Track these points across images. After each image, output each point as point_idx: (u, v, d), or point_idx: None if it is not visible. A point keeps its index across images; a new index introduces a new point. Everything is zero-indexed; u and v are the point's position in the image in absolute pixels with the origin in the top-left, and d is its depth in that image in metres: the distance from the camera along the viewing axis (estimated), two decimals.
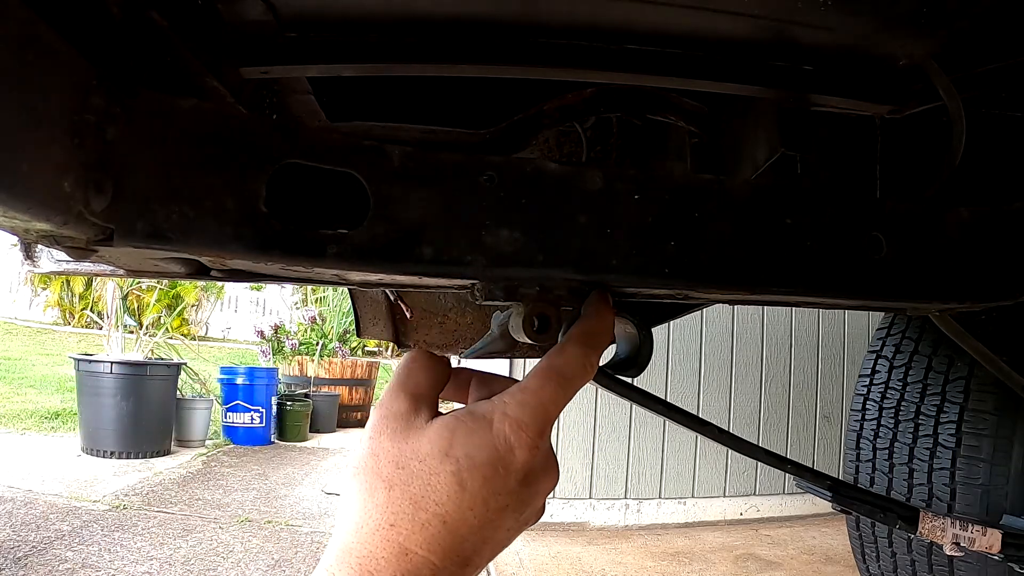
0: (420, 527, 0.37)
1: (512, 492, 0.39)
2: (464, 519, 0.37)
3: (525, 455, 0.39)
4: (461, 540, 0.38)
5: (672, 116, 0.71)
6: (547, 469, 0.41)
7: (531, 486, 0.40)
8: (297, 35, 0.51)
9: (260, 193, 0.40)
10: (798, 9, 0.47)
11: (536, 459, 0.39)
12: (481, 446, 0.38)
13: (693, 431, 0.60)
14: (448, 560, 0.37)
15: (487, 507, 0.38)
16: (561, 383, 0.41)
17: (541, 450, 0.40)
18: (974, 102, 0.64)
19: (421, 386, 0.43)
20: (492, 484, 0.38)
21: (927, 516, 0.72)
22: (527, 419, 0.39)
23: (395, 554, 0.36)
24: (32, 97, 0.31)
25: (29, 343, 9.02)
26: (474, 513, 0.38)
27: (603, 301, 0.46)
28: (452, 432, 0.39)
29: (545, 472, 0.41)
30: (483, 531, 0.38)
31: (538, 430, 0.39)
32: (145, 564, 2.27)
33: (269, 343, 6.03)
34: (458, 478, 0.38)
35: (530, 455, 0.39)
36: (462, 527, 0.37)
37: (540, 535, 2.88)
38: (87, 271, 0.52)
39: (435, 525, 0.37)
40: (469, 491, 0.38)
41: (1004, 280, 0.55)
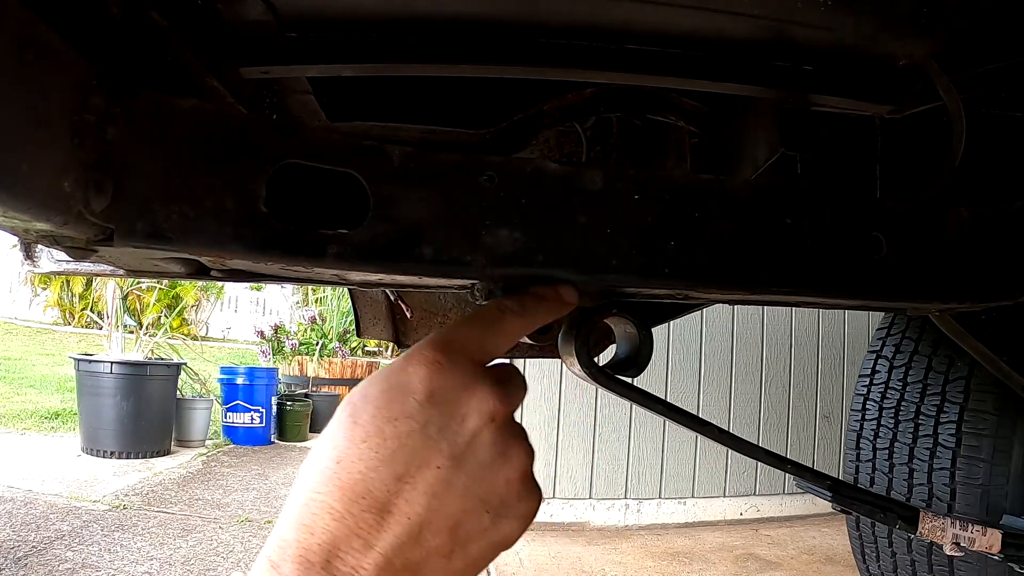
0: (318, 472, 0.34)
1: (413, 415, 0.34)
2: (358, 453, 0.34)
3: (422, 371, 0.35)
4: (362, 478, 0.33)
5: (672, 116, 0.71)
6: (466, 387, 0.36)
7: (442, 405, 0.35)
8: (297, 35, 0.51)
9: (260, 193, 0.40)
10: (798, 9, 0.47)
11: (439, 375, 0.36)
12: (375, 380, 0.37)
13: (693, 431, 0.60)
14: (349, 501, 0.33)
15: (383, 435, 0.34)
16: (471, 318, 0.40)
17: (444, 367, 0.36)
18: (974, 102, 0.64)
19: None
20: (386, 411, 0.35)
21: (927, 516, 0.72)
22: (425, 343, 0.37)
23: (297, 505, 0.34)
24: (32, 97, 0.31)
25: (29, 343, 9.02)
26: (369, 444, 0.34)
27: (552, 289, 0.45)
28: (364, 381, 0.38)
29: (463, 389, 0.36)
30: (392, 466, 0.34)
31: (439, 347, 0.36)
32: (145, 564, 2.27)
33: (269, 343, 6.04)
34: (352, 416, 0.35)
35: (427, 370, 0.36)
36: (357, 463, 0.34)
37: (540, 535, 2.88)
38: (87, 271, 0.52)
39: (329, 466, 0.34)
40: (360, 424, 0.35)
41: (1004, 280, 0.55)
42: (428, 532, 0.34)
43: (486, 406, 0.36)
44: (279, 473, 3.92)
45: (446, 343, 0.37)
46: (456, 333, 0.39)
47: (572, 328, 0.53)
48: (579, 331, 0.52)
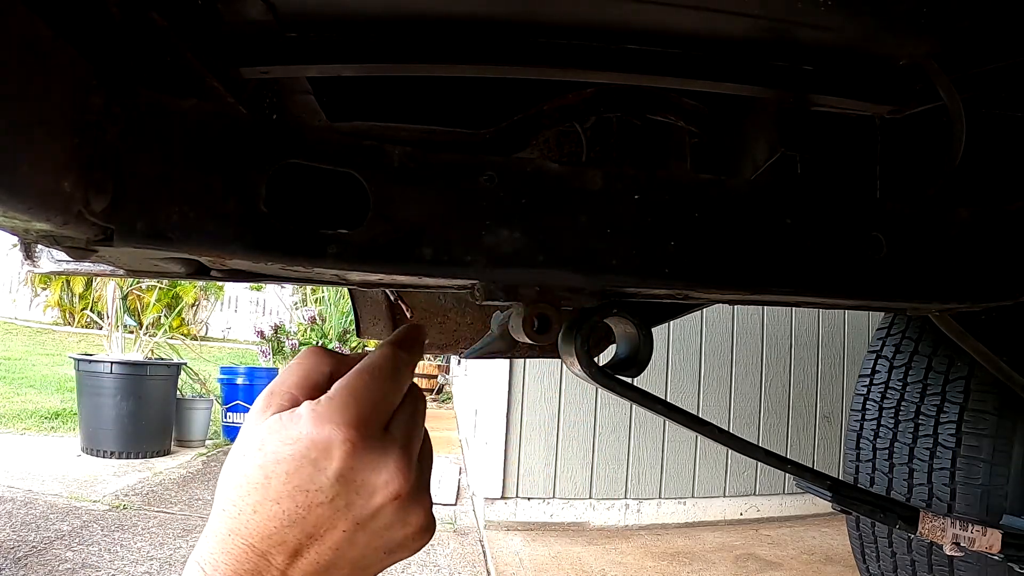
0: (238, 513, 0.39)
1: (323, 490, 0.38)
2: (272, 512, 0.38)
3: (337, 452, 0.38)
4: (276, 530, 0.38)
5: (672, 116, 0.71)
6: (374, 467, 0.39)
7: (351, 486, 0.39)
8: (297, 35, 0.51)
9: (260, 193, 0.40)
10: (798, 9, 0.47)
11: (351, 457, 0.38)
12: (287, 441, 0.39)
13: (693, 431, 0.60)
14: (269, 546, 0.38)
15: (295, 502, 0.38)
16: (372, 377, 0.41)
17: (358, 447, 0.39)
18: (974, 102, 0.64)
19: (282, 383, 0.43)
20: (297, 479, 0.38)
21: (927, 516, 0.72)
22: (338, 414, 0.39)
23: (222, 535, 0.39)
24: (32, 97, 0.31)
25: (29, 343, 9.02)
26: (282, 507, 0.38)
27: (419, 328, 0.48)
28: (268, 428, 0.40)
29: (371, 470, 0.39)
30: (303, 526, 0.38)
31: (352, 425, 0.39)
32: (145, 564, 2.27)
33: (269, 343, 6.03)
34: (264, 471, 0.38)
35: (342, 452, 0.38)
36: (272, 519, 0.38)
37: (540, 535, 2.88)
38: (87, 271, 0.52)
39: (247, 513, 0.38)
40: (273, 484, 0.38)
41: (1004, 280, 0.55)
42: (334, 569, 0.40)
43: (391, 488, 0.40)
44: None
45: (360, 420, 0.39)
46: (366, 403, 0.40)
47: (572, 328, 0.53)
48: (579, 331, 0.52)
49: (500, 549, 2.65)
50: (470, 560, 2.54)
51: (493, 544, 2.70)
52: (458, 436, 5.44)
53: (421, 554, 2.57)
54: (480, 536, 2.86)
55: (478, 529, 2.97)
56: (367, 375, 0.41)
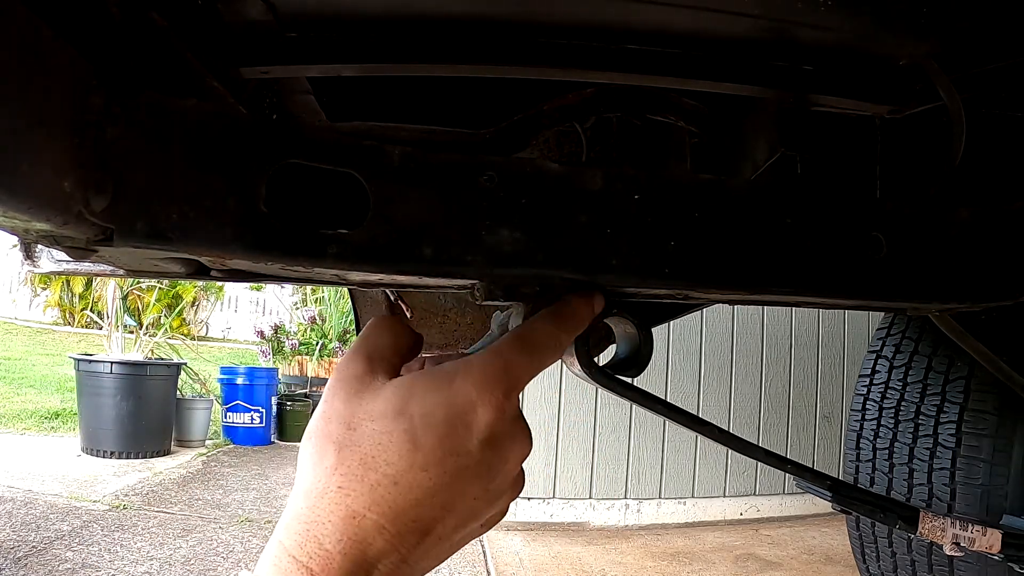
0: (369, 489, 0.35)
1: (473, 454, 0.36)
2: (417, 481, 0.35)
3: (489, 414, 0.37)
4: (415, 503, 0.35)
5: (672, 116, 0.71)
6: (515, 435, 0.38)
7: (497, 450, 0.37)
8: (297, 35, 0.51)
9: (260, 193, 0.40)
10: (798, 9, 0.47)
11: (501, 421, 0.37)
12: (439, 403, 0.36)
13: (693, 431, 0.60)
14: (401, 524, 0.35)
15: (444, 468, 0.35)
16: (530, 351, 0.40)
17: (507, 413, 0.38)
18: (974, 102, 0.64)
19: (380, 348, 0.40)
20: (449, 442, 0.36)
21: (927, 516, 0.72)
22: (492, 378, 0.37)
23: (343, 518, 0.34)
24: (32, 97, 0.31)
25: (29, 343, 9.02)
26: (428, 475, 0.35)
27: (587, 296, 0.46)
28: (409, 390, 0.37)
29: (512, 437, 0.38)
30: (442, 495, 0.36)
31: (503, 390, 0.37)
32: (145, 564, 2.27)
33: (269, 343, 6.03)
34: (411, 436, 0.35)
35: (494, 414, 0.37)
36: (415, 489, 0.35)
37: (540, 535, 2.88)
38: (87, 271, 0.52)
39: (385, 486, 0.35)
40: (423, 450, 0.35)
41: (1004, 280, 0.55)
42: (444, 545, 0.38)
43: (525, 451, 0.39)
44: (279, 473, 3.92)
45: (511, 383, 0.38)
46: (517, 367, 0.39)
47: None
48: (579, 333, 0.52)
49: (500, 549, 2.65)
50: (470, 560, 2.54)
51: (493, 544, 2.70)
52: None
53: None
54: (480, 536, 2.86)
55: None
56: (524, 346, 0.40)
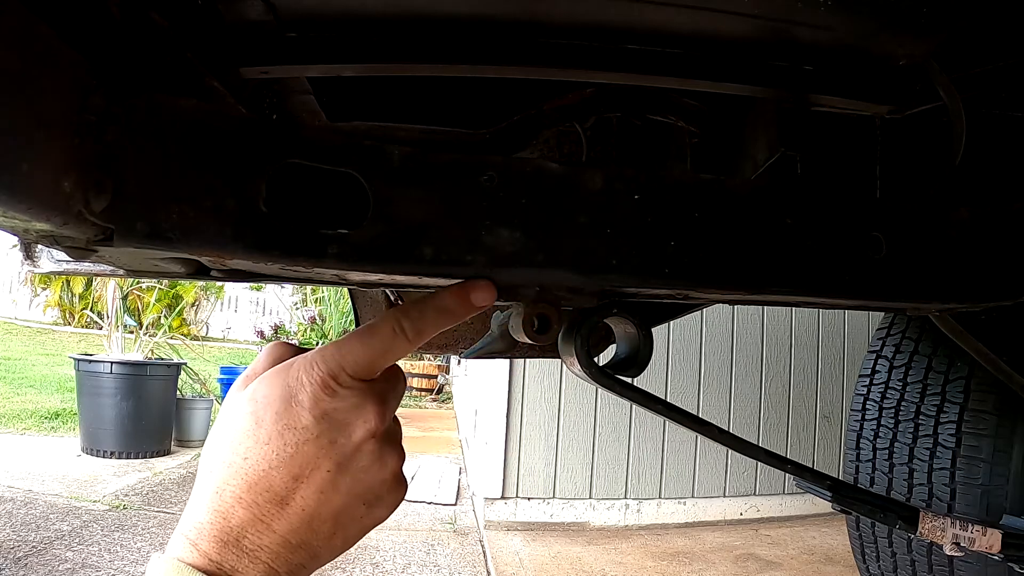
0: (226, 466, 0.40)
1: (309, 428, 0.40)
2: (262, 454, 0.40)
3: (315, 390, 0.41)
4: (264, 474, 0.40)
5: (672, 116, 0.71)
6: (355, 407, 0.42)
7: (333, 423, 0.41)
8: (297, 35, 0.51)
9: (260, 193, 0.40)
10: (798, 9, 0.47)
11: (331, 398, 0.41)
12: (276, 384, 0.41)
13: (693, 431, 0.60)
14: (256, 494, 0.40)
15: (283, 440, 0.40)
16: (365, 338, 0.43)
17: (337, 391, 0.42)
18: (974, 102, 0.64)
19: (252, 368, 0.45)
20: (284, 418, 0.40)
21: (927, 516, 0.72)
22: (320, 361, 0.42)
23: (209, 494, 0.40)
24: (32, 97, 0.31)
25: (29, 343, 9.03)
26: (271, 447, 0.40)
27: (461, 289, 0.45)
28: (261, 381, 0.42)
29: (351, 409, 0.42)
30: (288, 466, 0.40)
31: (329, 370, 0.41)
32: (145, 564, 2.27)
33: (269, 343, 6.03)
34: (256, 415, 0.41)
35: (320, 391, 0.41)
36: (262, 461, 0.40)
37: (540, 535, 2.88)
38: (87, 271, 0.52)
39: (237, 463, 0.40)
40: (264, 426, 0.40)
41: (1004, 280, 0.55)
42: (317, 520, 0.41)
43: (369, 425, 0.42)
44: None
45: (339, 367, 0.42)
46: (349, 355, 0.42)
47: (572, 328, 0.53)
48: (579, 331, 0.52)
49: (500, 549, 2.65)
50: (470, 560, 2.54)
51: (493, 544, 2.70)
52: (458, 436, 5.44)
53: (421, 554, 2.57)
54: (480, 536, 2.86)
55: (478, 529, 2.97)
56: (361, 333, 0.44)
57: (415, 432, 5.64)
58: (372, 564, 2.43)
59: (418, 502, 3.32)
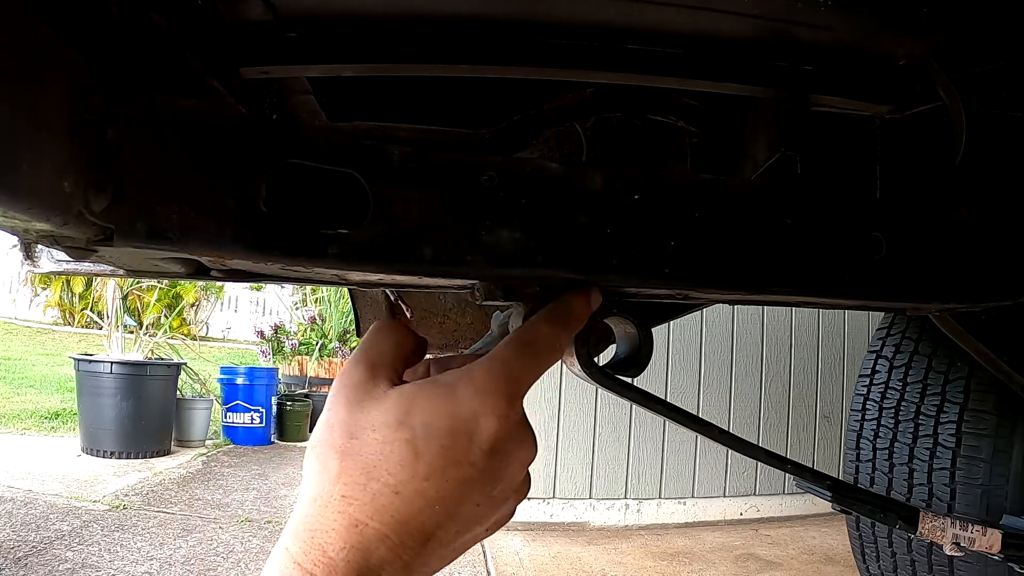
0: (371, 498, 0.35)
1: (476, 463, 0.36)
2: (419, 490, 0.35)
3: (492, 423, 0.37)
4: (418, 512, 0.35)
5: (672, 116, 0.71)
6: (520, 440, 0.38)
7: (501, 458, 0.37)
8: (297, 35, 0.51)
9: (260, 193, 0.40)
10: (798, 9, 0.47)
11: (505, 429, 0.37)
12: (441, 414, 0.36)
13: (693, 431, 0.60)
14: (404, 534, 0.35)
15: (446, 477, 0.36)
16: (531, 354, 0.40)
17: (511, 420, 0.38)
18: (974, 102, 0.63)
19: (382, 354, 0.40)
20: (452, 453, 0.36)
21: (927, 516, 0.72)
22: (493, 386, 0.37)
23: (346, 526, 0.35)
24: (32, 97, 0.31)
25: (29, 343, 9.03)
26: (431, 484, 0.36)
27: (584, 293, 0.45)
28: (411, 399, 0.37)
29: (518, 443, 0.38)
30: (445, 504, 0.36)
31: (506, 398, 0.37)
32: (145, 564, 2.27)
33: (269, 343, 6.03)
34: (413, 446, 0.36)
35: (498, 424, 0.37)
36: (417, 499, 0.35)
37: (540, 535, 2.88)
38: (87, 271, 0.52)
39: (387, 495, 0.35)
40: (425, 460, 0.36)
41: (1004, 280, 0.55)
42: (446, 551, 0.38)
43: (529, 458, 0.39)
44: (279, 473, 3.92)
45: (513, 390, 0.38)
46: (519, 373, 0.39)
47: None
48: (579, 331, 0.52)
49: (500, 549, 2.65)
50: (470, 560, 2.54)
51: (493, 544, 2.70)
52: None
53: None
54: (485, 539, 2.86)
55: None
56: (524, 350, 0.40)
57: None
58: None
59: None
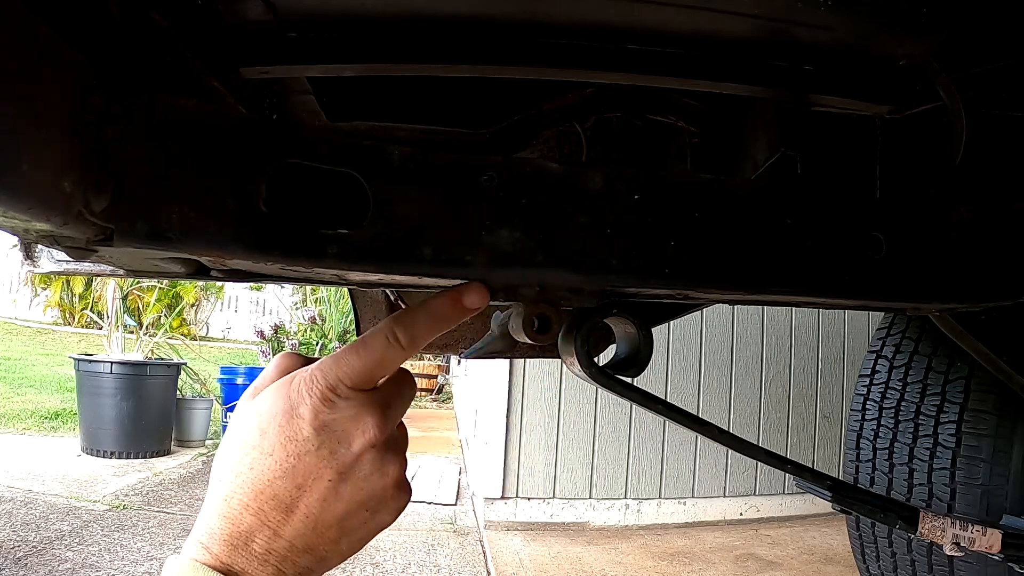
0: (234, 476, 0.42)
1: (309, 439, 0.42)
2: (267, 464, 0.42)
3: (314, 402, 0.43)
4: (269, 483, 0.42)
5: (672, 116, 0.71)
6: (355, 419, 0.43)
7: (332, 434, 0.43)
8: (297, 35, 0.51)
9: (260, 193, 0.40)
10: (798, 9, 0.47)
11: (330, 410, 0.43)
12: (278, 398, 0.43)
13: (693, 431, 0.60)
14: (262, 501, 0.42)
15: (286, 451, 0.42)
16: (360, 350, 0.44)
17: (336, 403, 0.43)
18: (974, 102, 0.63)
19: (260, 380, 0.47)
20: (287, 430, 0.42)
21: (927, 516, 0.72)
22: (319, 374, 0.43)
23: (219, 501, 0.42)
24: (32, 97, 0.31)
25: (29, 343, 9.03)
26: (275, 458, 0.42)
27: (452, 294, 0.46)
28: (265, 393, 0.44)
29: (353, 421, 0.43)
30: (292, 476, 0.42)
31: (327, 382, 0.43)
32: (145, 564, 2.27)
33: (269, 343, 6.03)
34: (260, 427, 0.43)
35: (320, 402, 0.43)
36: (267, 471, 0.42)
37: (540, 535, 2.88)
38: (87, 271, 0.52)
39: (244, 473, 0.42)
40: (267, 438, 0.42)
41: (1004, 280, 0.55)
42: (322, 526, 0.43)
43: (368, 435, 0.44)
44: None
45: (337, 380, 0.43)
46: (346, 367, 0.44)
47: (572, 328, 0.53)
48: (579, 331, 0.52)
49: (500, 549, 2.66)
50: (470, 560, 2.54)
51: (493, 544, 2.70)
52: (458, 436, 5.44)
53: (421, 554, 2.57)
54: (480, 536, 2.86)
55: (478, 529, 2.97)
56: (356, 344, 0.45)
57: (415, 432, 5.63)
58: (372, 564, 2.43)
59: (418, 502, 3.32)
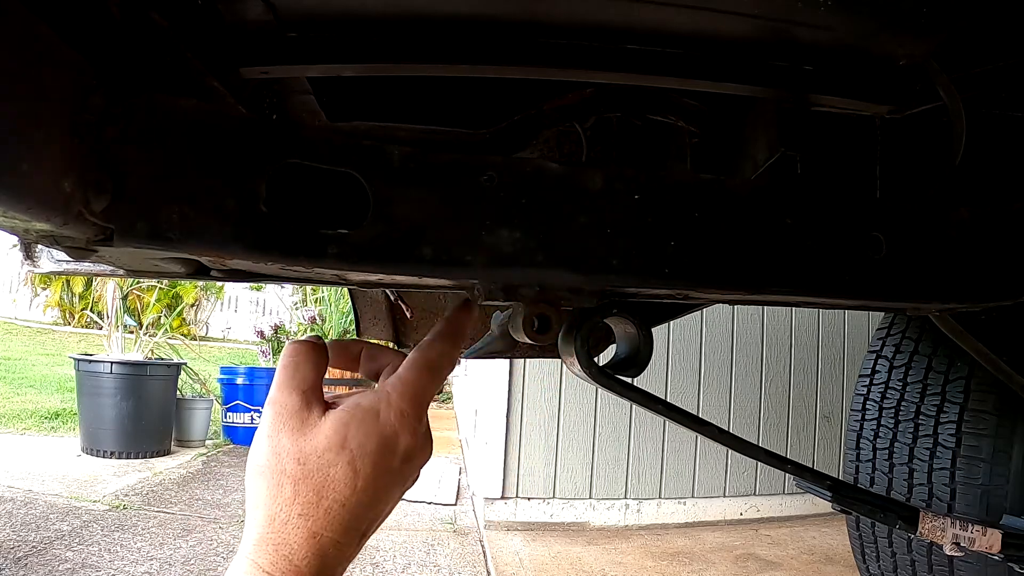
0: (324, 513, 0.43)
1: (396, 471, 0.46)
2: (359, 501, 0.44)
3: (408, 439, 0.46)
4: (358, 518, 0.44)
5: (672, 116, 0.71)
6: (424, 447, 0.48)
7: (411, 462, 0.47)
8: (297, 35, 0.51)
9: (260, 193, 0.40)
10: (798, 9, 0.47)
11: (417, 440, 0.46)
12: (370, 434, 0.45)
13: (693, 431, 0.60)
14: (348, 536, 0.44)
15: (376, 486, 0.45)
16: (432, 374, 0.48)
17: (419, 432, 0.47)
18: (974, 102, 0.63)
19: (308, 380, 0.47)
20: (381, 466, 0.45)
21: (927, 516, 0.72)
22: (407, 407, 0.46)
23: (306, 538, 0.43)
24: (32, 97, 0.31)
25: (29, 343, 9.03)
26: (367, 494, 0.44)
27: (464, 308, 0.53)
28: (346, 426, 0.45)
29: (422, 449, 0.48)
30: (375, 507, 0.45)
31: (416, 416, 0.47)
32: (145, 564, 2.27)
33: (269, 343, 6.02)
34: (352, 467, 0.44)
35: (412, 438, 0.46)
36: (358, 508, 0.44)
37: (540, 535, 2.88)
38: (87, 271, 0.52)
39: (336, 510, 0.43)
40: (362, 475, 0.44)
41: (1004, 280, 0.55)
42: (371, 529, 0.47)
43: (428, 455, 0.49)
44: None
45: (421, 409, 0.47)
46: (423, 393, 0.47)
47: (572, 328, 0.53)
48: (579, 331, 0.52)
49: (500, 549, 2.65)
50: (470, 560, 2.54)
51: (493, 544, 2.70)
52: (458, 436, 5.44)
53: (421, 554, 2.57)
54: (480, 536, 2.86)
55: (478, 529, 2.97)
56: (428, 373, 0.48)
57: None
58: (372, 564, 2.43)
59: (418, 502, 3.32)
